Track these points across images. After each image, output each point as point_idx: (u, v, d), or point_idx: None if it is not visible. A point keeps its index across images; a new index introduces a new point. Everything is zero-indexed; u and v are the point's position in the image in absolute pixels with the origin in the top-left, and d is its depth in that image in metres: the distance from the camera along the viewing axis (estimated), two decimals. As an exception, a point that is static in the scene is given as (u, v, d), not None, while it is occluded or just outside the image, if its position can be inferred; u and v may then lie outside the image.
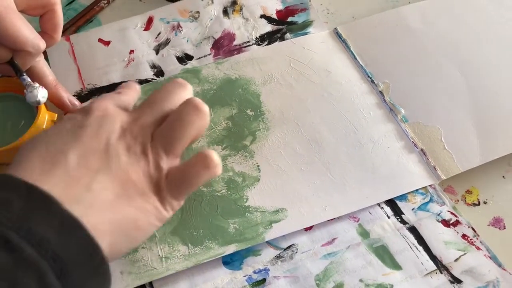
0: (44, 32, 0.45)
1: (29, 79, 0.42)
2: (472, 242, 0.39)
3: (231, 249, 0.39)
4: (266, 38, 0.52)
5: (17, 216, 0.26)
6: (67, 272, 0.26)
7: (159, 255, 0.39)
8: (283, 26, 0.53)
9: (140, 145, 0.33)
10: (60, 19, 0.45)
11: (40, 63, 0.44)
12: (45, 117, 0.43)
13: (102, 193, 0.30)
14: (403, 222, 0.41)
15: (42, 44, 0.41)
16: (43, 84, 0.43)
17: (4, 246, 0.24)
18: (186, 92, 0.37)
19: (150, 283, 0.38)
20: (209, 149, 0.34)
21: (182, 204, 0.35)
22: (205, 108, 0.34)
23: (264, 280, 0.38)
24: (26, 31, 0.40)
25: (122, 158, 0.32)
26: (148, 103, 0.35)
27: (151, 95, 0.36)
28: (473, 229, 0.40)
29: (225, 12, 0.54)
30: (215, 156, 0.34)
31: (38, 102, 0.41)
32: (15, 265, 0.24)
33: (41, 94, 0.41)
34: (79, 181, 0.29)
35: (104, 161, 0.31)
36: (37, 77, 0.44)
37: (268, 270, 0.39)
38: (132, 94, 0.38)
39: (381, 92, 0.48)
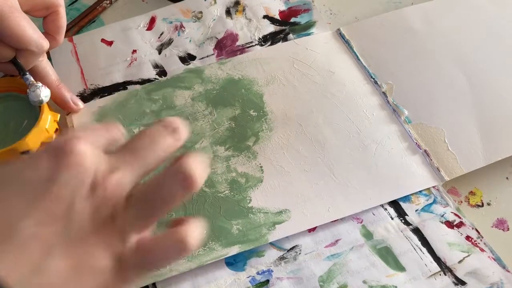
0: (47, 33, 0.45)
1: (32, 78, 0.42)
2: (476, 243, 0.39)
3: (234, 250, 0.39)
4: (269, 39, 0.52)
5: None
6: None
7: (163, 256, 0.39)
8: (286, 26, 0.53)
9: (109, 209, 0.25)
10: (63, 21, 0.45)
11: (43, 62, 0.45)
12: (48, 117, 0.43)
13: (51, 276, 0.24)
14: (407, 223, 0.40)
15: (45, 44, 0.41)
16: (46, 83, 0.43)
17: None
18: (177, 137, 0.29)
19: (153, 284, 0.38)
20: (187, 225, 0.27)
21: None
22: (198, 181, 0.26)
23: (267, 281, 0.38)
24: (30, 31, 0.40)
25: (84, 224, 0.25)
26: (130, 151, 0.27)
27: (136, 139, 0.28)
28: (477, 230, 0.40)
29: (228, 12, 0.54)
30: (191, 238, 0.26)
31: (41, 102, 0.41)
32: None
33: (44, 93, 0.41)
34: (29, 259, 0.23)
35: (62, 231, 0.24)
36: (39, 77, 0.44)
37: (272, 271, 0.38)
38: (117, 134, 0.29)
39: (384, 93, 0.48)
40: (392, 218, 0.41)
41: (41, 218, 0.24)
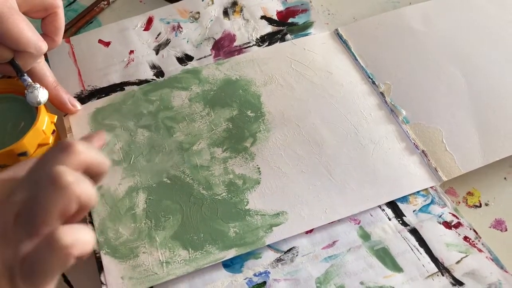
0: (46, 34, 0.45)
1: (30, 80, 0.42)
2: (474, 244, 0.39)
3: (231, 253, 0.39)
4: (267, 39, 0.52)
5: None
6: None
7: (160, 260, 0.39)
8: (284, 27, 0.53)
9: (1, 227, 0.28)
10: (62, 23, 0.45)
11: (41, 64, 0.45)
12: (45, 119, 0.43)
13: None
14: (404, 224, 0.40)
15: (44, 45, 0.41)
16: (43, 85, 0.43)
17: None
18: (70, 157, 0.29)
19: (151, 287, 0.38)
20: (65, 227, 0.28)
21: None
22: (65, 181, 0.27)
23: (264, 283, 0.38)
24: (28, 33, 0.40)
25: None
26: (25, 174, 0.30)
27: (32, 163, 0.30)
28: (474, 231, 0.40)
29: (226, 13, 0.54)
30: (63, 236, 0.27)
31: (39, 103, 0.41)
32: None
33: (42, 94, 0.41)
34: None
35: None
36: (37, 78, 0.44)
37: (269, 273, 0.38)
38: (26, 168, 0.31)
39: (382, 93, 0.48)
40: (390, 219, 0.41)
41: None
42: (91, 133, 0.35)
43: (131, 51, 0.52)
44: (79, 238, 0.28)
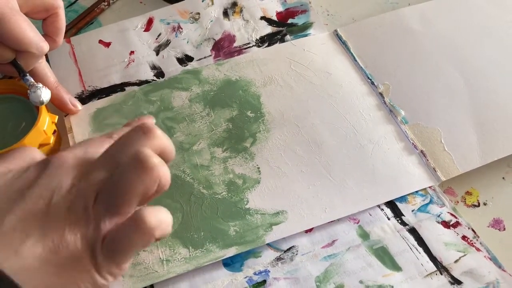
0: (47, 35, 0.45)
1: (32, 79, 0.42)
2: (472, 243, 0.39)
3: (231, 252, 0.39)
4: (266, 40, 0.52)
5: None
6: None
7: (160, 258, 0.39)
8: (283, 27, 0.53)
9: (82, 204, 0.29)
10: (63, 23, 0.45)
11: (42, 64, 0.45)
12: (46, 119, 0.43)
13: (29, 259, 0.28)
14: (403, 223, 0.41)
15: (45, 46, 0.42)
16: (44, 85, 0.43)
17: None
18: (151, 140, 0.31)
19: (151, 286, 0.38)
20: (149, 208, 0.30)
21: (126, 269, 0.31)
22: (152, 162, 0.29)
23: (264, 281, 0.38)
24: (30, 33, 0.40)
25: (60, 216, 0.29)
26: (104, 154, 0.32)
27: (111, 144, 0.32)
28: (473, 230, 0.40)
29: (225, 13, 0.54)
30: (149, 217, 0.29)
31: (42, 102, 0.41)
32: None
33: (45, 94, 0.41)
34: (10, 245, 0.28)
35: (41, 223, 0.29)
36: (38, 78, 0.45)
37: (269, 271, 0.39)
38: (103, 144, 0.33)
39: (381, 94, 0.48)
40: (389, 219, 0.41)
41: (22, 214, 0.29)
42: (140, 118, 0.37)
43: (132, 52, 0.52)
44: (162, 221, 0.30)
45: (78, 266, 0.29)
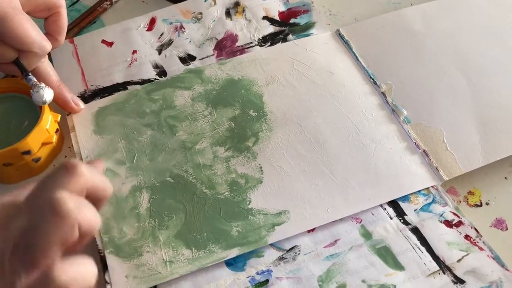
0: (49, 34, 0.45)
1: (35, 79, 0.42)
2: (475, 242, 0.39)
3: (234, 252, 0.39)
4: (269, 39, 0.52)
5: None
6: None
7: (164, 259, 0.39)
8: (286, 27, 0.53)
9: (2, 254, 0.27)
10: (65, 22, 0.45)
11: (44, 63, 0.45)
12: (48, 118, 0.44)
13: None
14: (406, 223, 0.41)
15: (48, 45, 0.42)
16: (47, 84, 0.43)
17: None
18: (74, 180, 0.28)
19: (154, 286, 0.38)
20: (60, 264, 0.26)
21: None
22: (65, 209, 0.26)
23: (267, 281, 0.38)
24: (33, 32, 0.40)
25: None
26: (25, 198, 0.28)
27: (33, 186, 0.29)
28: (476, 229, 0.40)
29: (228, 13, 0.54)
30: (59, 276, 0.26)
31: (44, 102, 0.42)
32: None
33: (47, 94, 0.41)
34: None
35: None
36: (41, 77, 0.45)
37: (271, 271, 0.39)
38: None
39: (383, 93, 0.48)
40: (391, 218, 0.41)
41: None
42: (89, 160, 0.33)
43: (134, 51, 0.52)
44: (78, 275, 0.27)
45: None
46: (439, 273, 0.38)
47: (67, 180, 0.27)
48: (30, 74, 0.42)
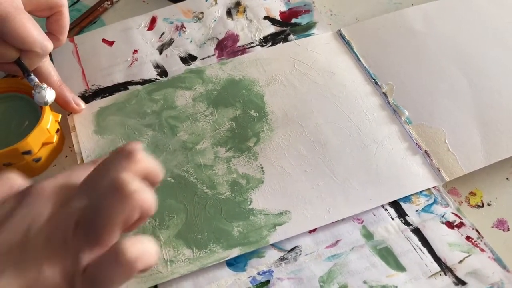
0: (50, 33, 0.45)
1: (36, 80, 0.42)
2: (476, 244, 0.39)
3: (235, 252, 0.39)
4: (270, 39, 0.52)
5: None
6: None
7: (164, 258, 0.39)
8: (287, 27, 0.53)
9: (61, 235, 0.27)
10: (66, 21, 0.45)
11: (46, 63, 0.45)
12: (49, 117, 0.43)
13: None
14: (407, 223, 0.41)
15: (49, 45, 0.42)
16: (48, 84, 0.43)
17: None
18: (132, 164, 0.29)
19: (155, 286, 0.38)
20: (130, 239, 0.27)
21: None
22: (130, 189, 0.27)
23: (268, 281, 0.38)
24: (34, 32, 0.40)
25: (38, 249, 0.27)
26: (84, 181, 0.30)
27: (92, 170, 0.30)
28: (477, 230, 0.40)
29: (229, 13, 0.54)
30: (130, 249, 0.27)
31: (46, 103, 0.41)
32: None
33: (49, 94, 0.41)
34: None
35: (17, 259, 0.27)
36: (42, 77, 0.45)
37: (272, 271, 0.39)
38: (87, 171, 0.30)
39: (384, 94, 0.48)
40: (393, 219, 0.41)
41: (1, 245, 0.27)
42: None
43: (135, 51, 0.52)
44: (145, 252, 0.27)
45: None
46: (440, 274, 0.38)
47: (127, 164, 0.29)
48: (32, 74, 0.42)
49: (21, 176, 0.32)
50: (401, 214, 0.41)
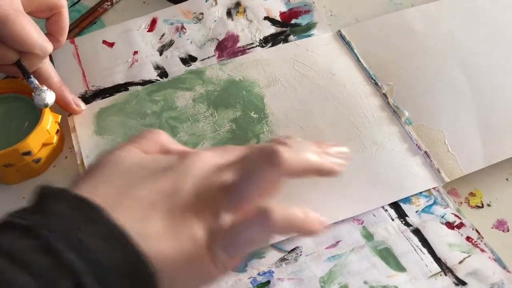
0: (50, 34, 0.45)
1: (37, 82, 0.42)
2: (477, 244, 0.39)
3: (235, 251, 0.39)
4: (270, 40, 0.52)
5: (67, 225, 0.25)
6: (110, 281, 0.25)
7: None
8: (287, 28, 0.53)
9: (212, 194, 0.30)
10: (66, 22, 0.45)
11: (46, 64, 0.45)
12: (49, 118, 0.44)
13: (150, 227, 0.28)
14: (407, 224, 0.41)
15: (49, 46, 0.42)
16: (48, 85, 0.43)
17: (48, 251, 0.24)
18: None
19: (155, 285, 0.38)
20: (277, 206, 0.29)
21: (237, 265, 0.32)
22: (282, 157, 0.30)
23: (268, 282, 0.38)
24: (34, 34, 0.40)
25: (187, 200, 0.30)
26: (239, 158, 0.32)
27: (248, 150, 0.33)
28: (477, 231, 0.40)
29: (229, 14, 0.54)
30: (276, 212, 0.29)
31: (46, 105, 0.42)
32: (54, 267, 0.23)
33: (49, 97, 0.41)
34: (138, 211, 0.28)
35: (168, 200, 0.29)
36: (42, 79, 0.45)
37: (273, 272, 0.39)
38: (234, 155, 0.34)
39: (384, 95, 0.48)
40: (393, 219, 0.41)
41: (154, 188, 0.29)
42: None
43: (135, 52, 0.52)
44: (290, 216, 0.30)
45: (196, 253, 0.29)
46: (440, 275, 0.38)
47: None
48: (32, 76, 0.42)
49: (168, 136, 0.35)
50: (401, 214, 0.41)
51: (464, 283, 0.37)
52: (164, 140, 0.34)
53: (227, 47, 0.52)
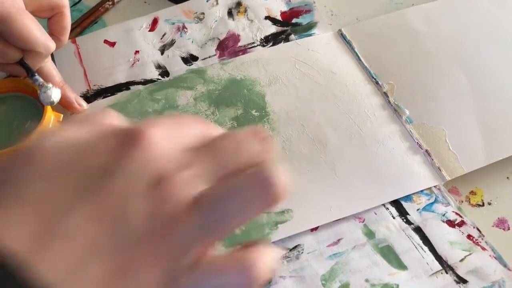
0: (52, 34, 0.45)
1: (41, 80, 0.42)
2: (477, 242, 0.39)
3: (237, 249, 0.39)
4: (271, 39, 0.52)
5: None
6: None
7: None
8: (288, 27, 0.53)
9: (171, 212, 0.19)
10: (68, 22, 0.45)
11: (48, 64, 0.45)
12: (51, 117, 0.44)
13: (88, 279, 0.19)
14: (408, 222, 0.41)
15: (52, 45, 0.42)
16: (50, 84, 0.43)
17: None
18: (266, 147, 0.23)
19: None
20: (257, 249, 0.21)
21: None
22: (279, 184, 0.21)
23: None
24: (37, 32, 0.40)
25: (138, 227, 0.19)
26: (210, 150, 0.22)
27: (220, 139, 0.22)
28: (478, 229, 0.40)
29: (230, 13, 0.54)
30: (260, 265, 0.20)
31: (52, 102, 0.42)
32: None
33: (55, 94, 0.41)
34: (69, 258, 0.18)
35: (112, 231, 0.19)
36: (44, 78, 0.45)
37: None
38: (200, 128, 0.23)
39: (385, 93, 0.48)
40: (394, 217, 0.41)
41: (92, 214, 0.19)
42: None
43: (137, 51, 0.52)
44: (267, 264, 0.21)
45: None
46: (441, 273, 0.38)
47: (266, 153, 0.23)
48: (36, 74, 0.42)
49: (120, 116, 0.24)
50: (402, 213, 0.41)
51: (465, 281, 0.37)
52: (108, 121, 0.23)
53: (228, 47, 0.52)
